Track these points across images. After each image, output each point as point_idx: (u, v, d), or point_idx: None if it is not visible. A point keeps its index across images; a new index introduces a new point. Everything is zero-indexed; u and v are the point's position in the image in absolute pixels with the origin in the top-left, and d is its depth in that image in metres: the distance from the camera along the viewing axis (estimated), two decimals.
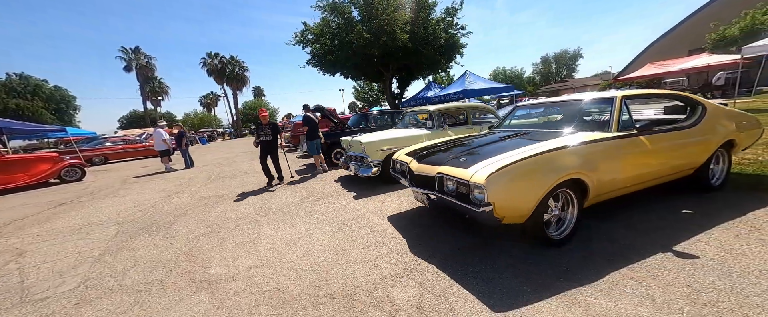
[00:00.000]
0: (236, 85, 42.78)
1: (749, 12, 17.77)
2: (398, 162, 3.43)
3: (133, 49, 37.69)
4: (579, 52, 48.86)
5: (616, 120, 2.53)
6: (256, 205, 4.53)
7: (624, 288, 1.75)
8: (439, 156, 2.79)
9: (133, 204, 5.36)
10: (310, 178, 6.21)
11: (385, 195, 4.35)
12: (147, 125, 33.32)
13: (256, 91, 53.20)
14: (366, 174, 4.82)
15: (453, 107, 5.84)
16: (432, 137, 5.12)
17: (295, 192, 5.11)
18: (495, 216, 2.00)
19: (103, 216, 4.65)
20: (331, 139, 7.34)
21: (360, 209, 3.86)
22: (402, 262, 2.38)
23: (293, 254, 2.73)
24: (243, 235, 3.33)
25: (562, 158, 2.19)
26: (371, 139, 4.89)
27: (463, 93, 10.82)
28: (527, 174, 2.08)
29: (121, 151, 14.23)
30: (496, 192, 1.96)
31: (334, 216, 3.66)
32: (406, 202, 3.90)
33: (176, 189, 6.42)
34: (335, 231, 3.20)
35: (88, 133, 18.37)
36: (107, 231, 3.89)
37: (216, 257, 2.84)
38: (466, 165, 2.28)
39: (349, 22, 15.61)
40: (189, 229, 3.71)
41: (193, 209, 4.65)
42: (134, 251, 3.17)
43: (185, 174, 8.40)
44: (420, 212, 3.52)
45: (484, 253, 2.36)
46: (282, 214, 3.97)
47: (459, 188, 2.26)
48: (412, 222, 3.20)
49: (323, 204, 4.27)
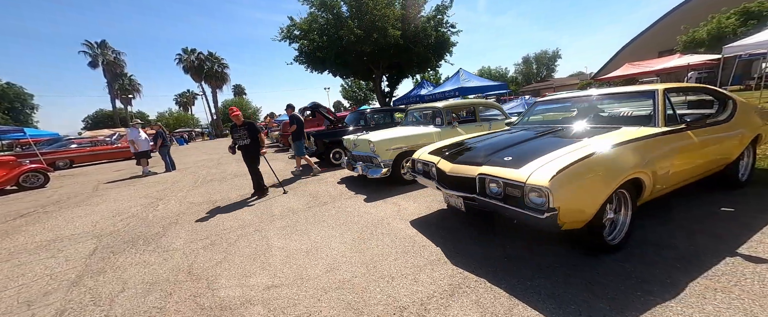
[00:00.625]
0: (215, 83, 40.80)
1: (715, 16, 18.98)
2: (420, 162, 3.17)
3: (99, 43, 34.98)
4: (558, 53, 50.74)
5: (662, 114, 2.40)
6: (257, 211, 4.11)
7: (714, 302, 1.58)
8: (472, 155, 2.55)
9: (110, 213, 4.75)
10: (304, 180, 5.81)
11: (399, 198, 4.08)
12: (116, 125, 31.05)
13: (237, 89, 51.10)
14: (375, 175, 4.52)
15: (462, 104, 5.65)
16: (442, 135, 4.90)
17: (298, 197, 4.73)
18: (557, 222, 1.78)
19: (76, 229, 4.06)
20: (329, 138, 6.96)
21: (376, 213, 3.56)
22: (445, 275, 2.12)
23: (316, 269, 2.39)
24: (250, 247, 2.94)
25: (624, 156, 2.01)
26: (381, 138, 4.59)
27: (458, 91, 10.72)
28: (591, 175, 1.87)
29: (89, 154, 13.02)
30: (562, 196, 1.74)
31: (350, 223, 3.34)
32: (427, 205, 3.65)
33: (160, 194, 5.82)
34: (356, 239, 2.89)
35: (50, 133, 16.75)
36: (83, 247, 3.36)
37: (223, 275, 2.45)
38: (516, 165, 2.05)
39: (339, 18, 15.15)
40: (184, 241, 3.26)
41: (184, 217, 4.16)
42: (120, 271, 2.71)
43: (167, 178, 7.71)
44: (444, 215, 3.27)
45: (535, 262, 2.15)
46: (289, 221, 3.59)
47: (508, 191, 2.03)
48: (440, 227, 2.95)
49: (333, 208, 3.93)
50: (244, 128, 4.65)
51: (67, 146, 13.05)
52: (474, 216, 3.04)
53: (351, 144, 5.36)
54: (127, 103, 39.11)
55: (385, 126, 7.09)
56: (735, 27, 17.57)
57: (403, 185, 4.67)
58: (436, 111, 5.32)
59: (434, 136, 4.87)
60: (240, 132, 4.65)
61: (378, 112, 8.13)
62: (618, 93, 2.82)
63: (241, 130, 4.65)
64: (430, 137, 4.84)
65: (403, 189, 4.43)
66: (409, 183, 4.73)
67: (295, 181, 5.85)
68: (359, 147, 5.09)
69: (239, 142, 4.70)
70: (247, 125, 4.67)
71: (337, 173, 6.30)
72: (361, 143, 5.03)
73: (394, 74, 19.98)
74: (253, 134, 4.68)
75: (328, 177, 5.96)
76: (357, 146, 5.16)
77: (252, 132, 4.67)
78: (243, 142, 4.67)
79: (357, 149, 5.17)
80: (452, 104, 5.43)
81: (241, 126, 4.65)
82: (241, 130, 4.65)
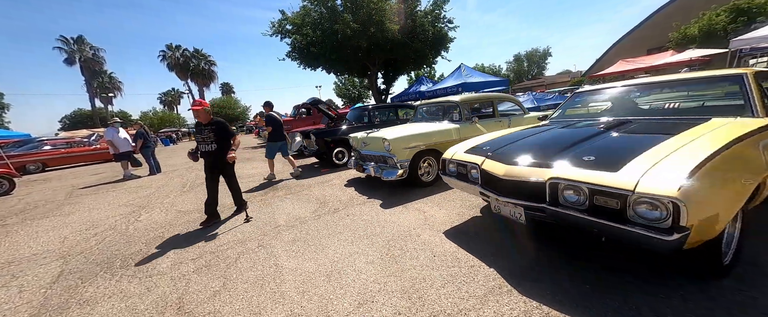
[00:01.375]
0: (202, 81, 39.32)
1: (706, 13, 19.27)
2: (454, 163, 2.69)
3: (76, 39, 33.07)
4: (548, 51, 51.27)
5: (761, 102, 2.00)
6: (258, 221, 3.56)
7: None
8: (533, 154, 2.09)
9: (83, 225, 4.10)
10: (298, 182, 5.27)
11: (421, 203, 3.60)
12: (96, 125, 29.42)
13: (225, 87, 49.54)
14: (391, 177, 4.02)
15: (480, 97, 5.20)
16: (461, 132, 4.45)
17: (303, 202, 4.18)
18: (686, 242, 1.34)
19: (39, 247, 3.41)
20: (331, 136, 6.41)
21: (399, 222, 3.07)
22: (518, 311, 1.65)
23: (344, 302, 1.89)
24: (255, 269, 2.41)
25: (754, 152, 1.58)
26: (397, 135, 4.10)
27: (461, 86, 10.29)
28: (731, 176, 1.44)
29: (64, 156, 12.01)
30: (697, 209, 1.30)
31: (372, 234, 2.84)
32: (457, 212, 3.18)
33: (143, 201, 5.16)
34: (385, 257, 2.39)
35: (21, 134, 15.51)
36: (45, 272, 2.74)
37: (225, 312, 1.92)
38: (608, 167, 1.60)
39: (333, 12, 14.51)
40: (172, 262, 2.69)
41: (171, 230, 3.56)
42: (90, 305, 2.13)
43: (151, 182, 7.00)
44: (482, 224, 2.81)
45: (625, 290, 1.70)
46: (298, 233, 3.06)
47: (597, 200, 1.58)
48: (483, 240, 2.48)
49: (346, 216, 3.42)
50: (211, 128, 3.54)
51: (39, 148, 12.00)
52: (511, 226, 2.59)
53: (359, 143, 4.84)
54: (108, 102, 37.23)
55: (391, 123, 6.60)
56: (725, 24, 17.85)
57: (421, 188, 4.20)
58: (453, 105, 4.86)
59: (453, 133, 4.41)
60: (205, 133, 3.54)
61: (382, 109, 7.63)
62: (693, 78, 2.42)
63: (207, 130, 3.54)
64: (448, 134, 4.39)
65: (422, 193, 3.96)
66: (426, 185, 4.26)
67: (282, 183, 5.30)
68: (370, 146, 4.58)
69: (203, 146, 3.57)
70: (214, 125, 3.56)
71: (341, 174, 5.77)
72: (372, 141, 4.52)
73: (390, 71, 19.49)
74: (221, 136, 3.57)
75: (333, 179, 5.43)
76: (367, 145, 4.64)
77: (221, 133, 3.56)
78: (207, 146, 3.55)
79: (367, 148, 4.66)
80: (470, 98, 4.98)
81: (207, 125, 3.55)
82: (206, 130, 3.54)
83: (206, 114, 3.57)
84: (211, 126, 3.55)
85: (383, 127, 5.28)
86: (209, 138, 3.53)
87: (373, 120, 7.14)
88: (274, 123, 5.71)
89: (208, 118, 3.59)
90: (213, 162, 3.61)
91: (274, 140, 5.78)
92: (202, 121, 3.59)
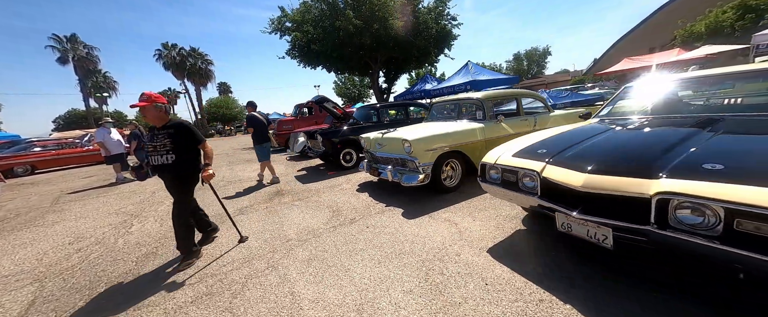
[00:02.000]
0: (199, 81, 38.60)
1: (713, 10, 19.02)
2: (498, 169, 2.28)
3: (69, 37, 32.31)
4: (548, 50, 51.04)
5: None
6: (265, 234, 3.13)
7: None
8: (620, 160, 1.69)
9: (67, 237, 3.65)
10: (304, 187, 4.85)
11: (449, 212, 3.19)
12: (90, 126, 28.74)
13: (222, 87, 48.86)
14: (412, 182, 3.61)
15: (503, 94, 4.79)
16: (486, 132, 4.05)
17: (313, 210, 3.76)
18: None
19: (13, 265, 2.96)
20: (339, 137, 5.99)
21: (430, 237, 2.66)
22: None
23: None
24: (267, 300, 1.98)
25: None
26: (419, 135, 3.68)
27: (470, 84, 9.90)
28: None
29: (54, 158, 11.48)
30: None
31: (401, 253, 2.42)
32: (496, 223, 2.77)
33: (135, 209, 4.71)
34: (424, 284, 1.97)
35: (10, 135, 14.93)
36: (14, 300, 2.30)
37: None
38: (755, 180, 1.19)
39: (334, 8, 14.07)
40: (166, 290, 2.25)
41: (165, 244, 3.13)
42: None
43: (145, 187, 6.53)
44: (529, 239, 2.41)
45: None
46: (313, 250, 2.64)
47: (743, 225, 1.18)
48: (540, 262, 2.07)
49: (366, 228, 3.00)
50: (166, 133, 2.50)
51: (29, 149, 11.46)
52: (567, 240, 2.17)
53: (373, 144, 4.43)
54: (103, 101, 36.52)
55: (403, 123, 6.18)
56: (733, 21, 17.60)
57: (443, 193, 3.79)
58: (475, 103, 4.45)
59: (477, 133, 4.01)
60: (158, 140, 2.50)
61: (391, 107, 7.21)
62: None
63: (161, 136, 2.50)
64: (472, 134, 3.99)
65: (446, 200, 3.55)
66: (449, 191, 3.86)
67: (287, 187, 4.87)
68: (386, 147, 4.16)
69: (155, 157, 2.53)
70: (172, 128, 2.52)
71: (350, 178, 5.35)
72: (389, 143, 4.11)
73: (392, 69, 19.08)
74: (181, 144, 2.52)
75: (343, 183, 5.01)
76: (383, 146, 4.23)
77: (180, 140, 2.51)
78: (160, 158, 2.50)
79: (383, 150, 4.24)
80: (493, 94, 4.57)
81: (162, 129, 2.53)
82: (160, 136, 2.51)
83: (157, 112, 2.48)
84: (168, 130, 2.51)
85: (392, 127, 4.86)
86: (163, 146, 2.47)
87: (382, 119, 6.72)
88: (255, 124, 5.32)
89: (162, 117, 2.53)
90: (171, 180, 2.59)
91: (260, 142, 5.43)
92: (156, 126, 2.54)
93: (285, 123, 10.87)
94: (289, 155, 8.97)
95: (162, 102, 2.53)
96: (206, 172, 2.55)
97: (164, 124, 2.57)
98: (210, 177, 2.56)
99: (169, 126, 2.56)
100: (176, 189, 2.61)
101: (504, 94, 4.81)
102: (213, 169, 2.62)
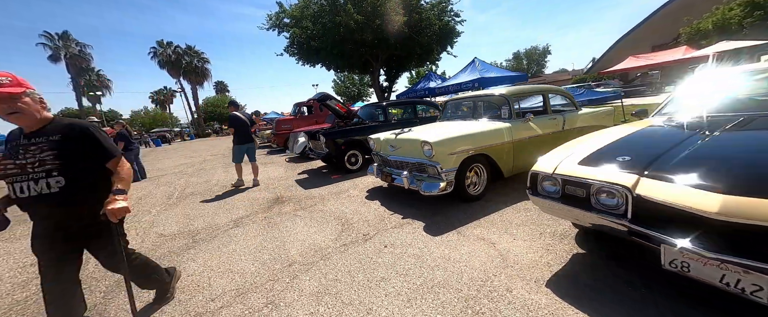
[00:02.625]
0: (196, 79, 37.87)
1: (720, 8, 18.71)
2: (557, 180, 1.81)
3: (61, 35, 31.48)
4: (548, 49, 50.79)
5: None
6: (263, 254, 2.62)
7: None
8: (754, 175, 1.22)
9: (28, 259, 3.11)
10: (306, 194, 4.35)
11: (480, 227, 2.70)
12: None
13: (219, 85, 48.16)
14: (432, 191, 3.12)
15: (528, 90, 4.29)
16: (514, 133, 3.58)
17: (319, 223, 3.26)
18: None
19: None
20: (344, 137, 5.49)
21: (466, 262, 2.17)
22: None
23: None
24: None
25: None
26: (440, 137, 3.19)
27: (478, 81, 9.42)
28: None
29: None
30: None
31: (435, 284, 1.93)
32: (543, 244, 2.28)
33: None
34: None
35: None
36: None
37: None
38: None
39: (334, 3, 13.53)
40: None
41: None
42: None
43: (132, 191, 6.00)
44: (594, 266, 1.93)
45: None
46: (323, 278, 2.15)
47: None
48: (619, 301, 1.60)
49: (384, 249, 2.51)
50: (45, 142, 1.47)
51: None
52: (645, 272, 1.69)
53: (385, 146, 3.94)
54: (96, 100, 35.74)
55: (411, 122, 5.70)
56: (740, 18, 17.27)
57: (467, 203, 3.32)
58: (499, 100, 3.97)
59: (505, 134, 3.53)
60: (31, 154, 1.44)
61: (399, 105, 6.72)
62: None
63: (40, 144, 1.47)
64: (499, 135, 3.51)
65: (473, 211, 3.07)
66: (474, 199, 3.39)
67: (289, 194, 4.37)
68: (401, 150, 3.67)
69: (26, 184, 1.43)
70: (59, 133, 1.50)
71: (357, 182, 4.86)
72: (403, 144, 3.62)
73: (394, 67, 18.57)
74: (74, 160, 1.51)
75: (349, 189, 4.52)
76: (396, 148, 3.74)
77: (72, 152, 1.51)
78: (38, 185, 1.43)
79: (396, 153, 3.75)
80: (518, 90, 4.08)
81: (39, 134, 1.49)
82: (40, 144, 1.46)
83: (32, 104, 1.46)
84: (52, 136, 1.49)
85: (402, 127, 4.36)
86: (43, 163, 1.44)
87: (389, 118, 6.23)
88: (237, 124, 5.21)
89: (41, 117, 1.51)
90: (63, 223, 1.54)
91: (239, 143, 5.26)
92: (22, 124, 1.49)
93: (284, 122, 10.34)
94: (288, 156, 8.46)
95: (29, 88, 1.46)
96: (114, 204, 1.46)
97: (44, 124, 1.51)
98: (121, 214, 1.48)
99: (53, 129, 1.51)
100: (92, 236, 1.59)
101: (531, 89, 4.32)
102: (130, 201, 1.64)
